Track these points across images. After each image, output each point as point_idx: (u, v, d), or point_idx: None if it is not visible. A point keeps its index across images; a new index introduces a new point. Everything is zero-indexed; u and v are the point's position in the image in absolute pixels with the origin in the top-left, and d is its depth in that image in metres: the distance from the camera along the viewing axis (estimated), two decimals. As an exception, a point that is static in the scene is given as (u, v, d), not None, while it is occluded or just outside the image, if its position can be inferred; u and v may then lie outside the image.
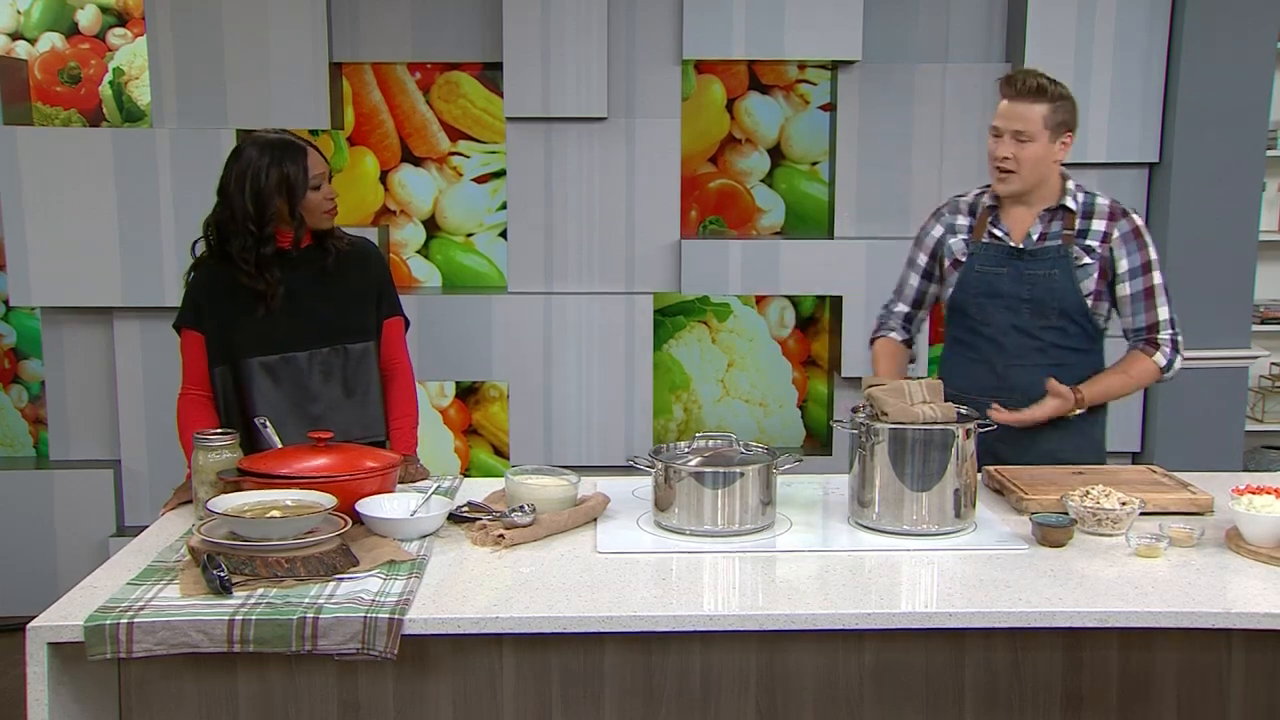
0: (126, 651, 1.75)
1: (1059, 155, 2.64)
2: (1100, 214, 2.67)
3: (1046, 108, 2.59)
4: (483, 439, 4.47)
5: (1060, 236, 2.65)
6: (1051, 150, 2.62)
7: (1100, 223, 2.66)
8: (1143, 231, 2.66)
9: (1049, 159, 2.62)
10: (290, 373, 2.60)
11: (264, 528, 1.95)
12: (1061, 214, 2.67)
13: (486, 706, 1.90)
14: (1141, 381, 2.72)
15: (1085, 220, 2.66)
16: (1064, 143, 2.63)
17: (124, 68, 4.25)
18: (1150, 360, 2.67)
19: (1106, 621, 1.82)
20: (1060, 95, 2.61)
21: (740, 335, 4.45)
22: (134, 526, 4.04)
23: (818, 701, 1.91)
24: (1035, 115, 2.58)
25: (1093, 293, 2.65)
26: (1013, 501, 2.36)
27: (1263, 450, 4.35)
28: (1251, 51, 3.91)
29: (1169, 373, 2.68)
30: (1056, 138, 2.61)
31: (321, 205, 2.59)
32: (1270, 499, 2.12)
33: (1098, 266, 2.64)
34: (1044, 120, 2.59)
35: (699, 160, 4.34)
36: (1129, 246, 2.64)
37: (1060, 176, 2.69)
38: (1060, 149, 2.63)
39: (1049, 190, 2.68)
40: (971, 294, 2.74)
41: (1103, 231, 2.65)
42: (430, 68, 4.25)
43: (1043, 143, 2.60)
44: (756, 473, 2.17)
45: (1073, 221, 2.66)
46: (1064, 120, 2.61)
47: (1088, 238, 2.65)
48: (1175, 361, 2.68)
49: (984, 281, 2.72)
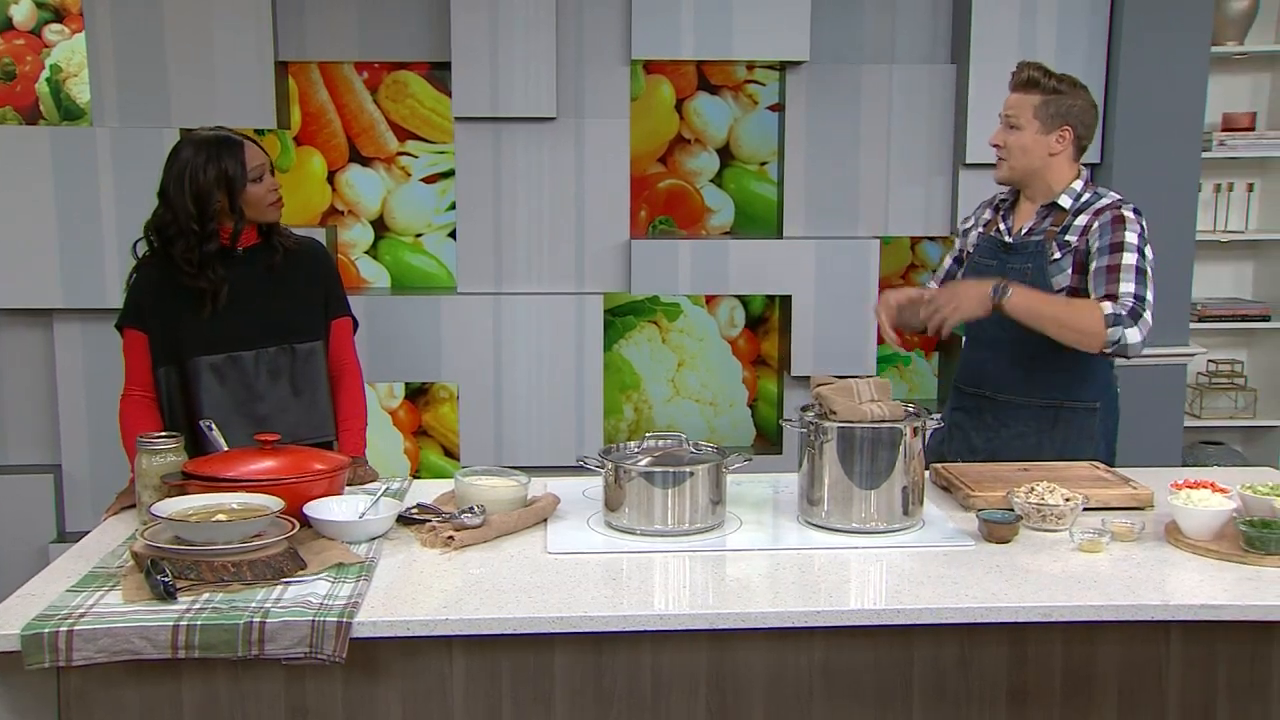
0: (66, 660, 1.72)
1: (1055, 149, 2.66)
2: (1091, 210, 2.65)
3: (1038, 99, 2.64)
4: (433, 440, 4.44)
5: (1044, 232, 2.68)
6: (1044, 142, 2.65)
7: (1085, 218, 2.64)
8: (1126, 220, 2.58)
9: (1040, 150, 2.66)
10: (236, 372, 2.57)
11: (209, 532, 1.93)
12: (1056, 211, 2.69)
13: (436, 709, 1.89)
14: (1079, 316, 2.46)
15: (1074, 217, 2.66)
16: (1060, 136, 2.65)
17: (61, 65, 4.17)
18: (1096, 305, 2.48)
19: (1050, 616, 1.85)
20: (1055, 89, 2.64)
21: (690, 335, 4.47)
22: (75, 532, 3.96)
23: (768, 699, 1.92)
24: (1025, 105, 2.66)
25: (1066, 289, 2.64)
26: (960, 499, 2.38)
27: (1201, 446, 4.45)
28: (1187, 56, 3.99)
29: (1113, 330, 2.44)
30: (1050, 130, 2.65)
31: (265, 197, 2.57)
32: (1207, 493, 2.17)
33: (1072, 261, 2.64)
34: (1034, 111, 2.64)
35: (648, 160, 4.34)
36: (1103, 230, 2.60)
37: (1072, 174, 2.69)
38: (1056, 142, 2.65)
39: (1051, 186, 2.69)
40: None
41: (1084, 225, 2.64)
42: (378, 67, 4.21)
43: (1031, 132, 2.65)
44: (706, 472, 2.18)
45: (1062, 219, 2.67)
46: (1059, 114, 2.64)
47: (1068, 233, 2.65)
48: (1128, 329, 2.44)
49: (976, 273, 2.77)
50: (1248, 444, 4.57)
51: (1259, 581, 1.96)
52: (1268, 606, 1.87)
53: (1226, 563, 2.04)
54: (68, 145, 3.88)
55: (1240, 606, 1.87)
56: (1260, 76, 4.47)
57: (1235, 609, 1.87)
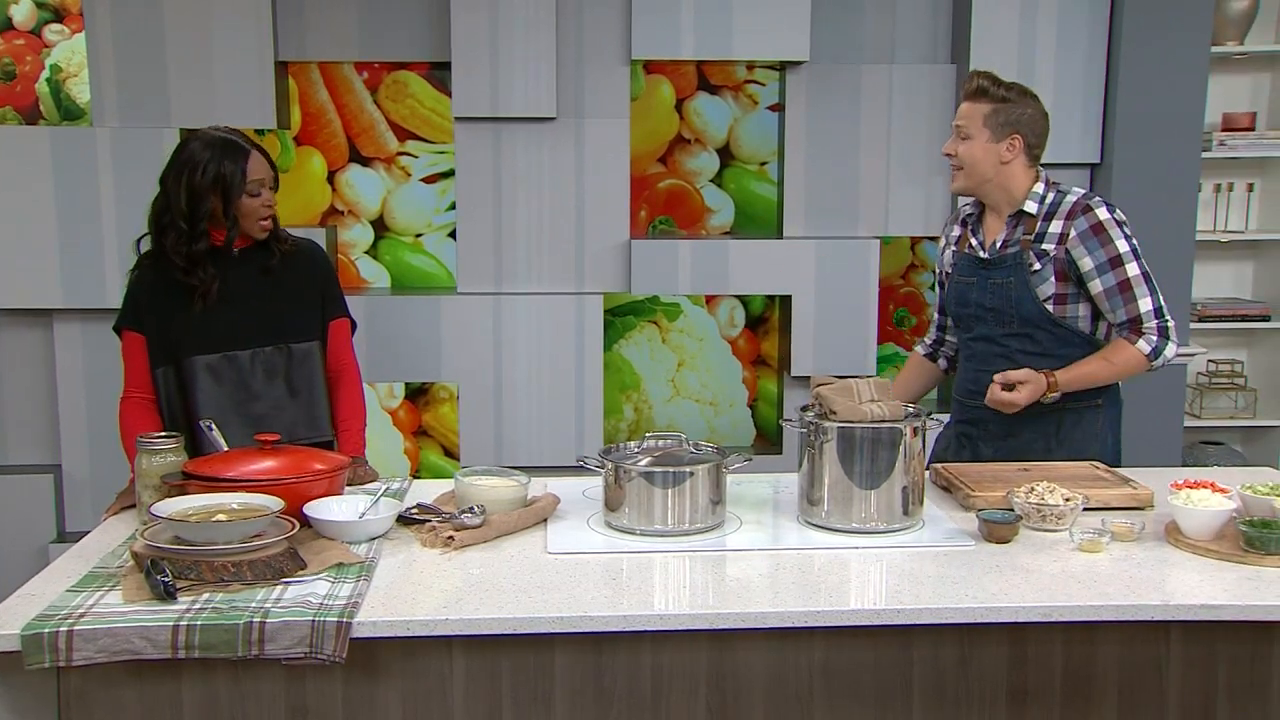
0: (66, 660, 1.72)
1: (1005, 157, 2.65)
2: (1061, 214, 2.63)
3: (987, 107, 2.64)
4: (433, 440, 4.44)
5: (1019, 243, 2.66)
6: (994, 150, 2.64)
7: (1058, 223, 2.63)
8: (1106, 226, 2.59)
9: (991, 159, 2.65)
10: (232, 371, 2.57)
11: (209, 532, 1.93)
12: (1024, 219, 2.67)
13: (437, 709, 1.88)
14: (1126, 368, 2.61)
15: (1045, 222, 2.64)
16: (1011, 144, 2.64)
17: (61, 64, 4.17)
18: (1134, 347, 2.60)
19: (1051, 616, 1.85)
20: (1004, 98, 2.64)
21: (690, 335, 4.47)
22: (75, 532, 3.96)
23: (768, 700, 1.92)
24: (975, 114, 2.65)
25: (1052, 297, 2.63)
26: (960, 499, 2.38)
27: (1201, 446, 4.45)
28: (1187, 55, 3.99)
29: (1157, 360, 2.60)
30: (1001, 138, 2.64)
31: (258, 212, 2.55)
32: (1207, 493, 2.17)
33: (1053, 270, 2.62)
34: (984, 119, 2.64)
35: (648, 160, 4.34)
36: (1089, 244, 2.59)
37: (1030, 180, 2.68)
38: (1007, 150, 2.64)
39: (1013, 195, 2.68)
40: (953, 304, 2.81)
41: (1059, 233, 2.62)
42: (378, 67, 4.21)
43: (981, 141, 2.64)
44: (706, 472, 2.18)
45: (1033, 226, 2.65)
46: (1009, 122, 2.64)
47: (1043, 241, 2.63)
48: (1165, 349, 2.60)
49: (959, 291, 2.77)
50: (1247, 444, 4.57)
51: (1259, 581, 1.95)
52: (1268, 606, 1.87)
53: (1226, 563, 2.04)
54: (68, 145, 3.88)
55: (1240, 606, 1.87)
56: (1260, 76, 4.47)
57: (1235, 609, 1.87)
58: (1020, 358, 2.67)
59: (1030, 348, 2.67)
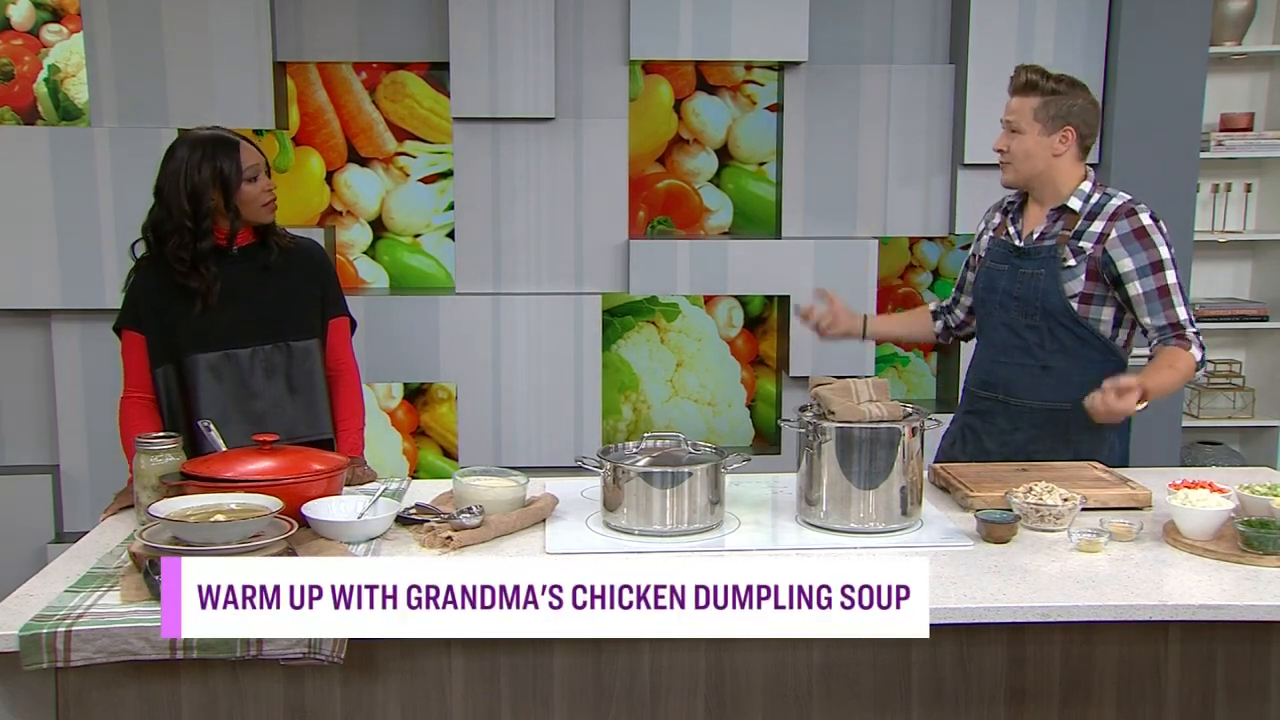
0: (64, 660, 1.72)
1: (1059, 150, 2.64)
2: (1104, 215, 2.63)
3: (1037, 101, 2.64)
4: (431, 440, 4.44)
5: (1056, 236, 2.66)
6: (1047, 144, 2.64)
7: (1100, 223, 2.62)
8: (1149, 231, 2.59)
9: (1043, 152, 2.65)
10: (232, 369, 2.57)
11: (208, 532, 1.92)
12: (1065, 215, 2.67)
13: (435, 710, 1.88)
14: (1187, 375, 2.57)
15: (1087, 221, 2.64)
16: (1063, 137, 2.64)
17: (59, 65, 4.17)
18: (1188, 354, 2.56)
19: (1049, 616, 1.86)
20: (1054, 90, 2.63)
21: (689, 335, 4.47)
22: (73, 533, 3.95)
23: (766, 701, 1.92)
24: (1025, 108, 2.65)
25: (1079, 294, 2.63)
26: (958, 499, 2.39)
27: (1199, 446, 4.45)
28: (1185, 56, 3.99)
29: (1199, 370, 2.61)
30: (1053, 131, 2.64)
31: (260, 198, 2.57)
32: (1205, 493, 2.17)
33: (1085, 268, 2.61)
34: (1035, 113, 2.64)
35: (647, 160, 4.34)
36: (1130, 247, 2.58)
37: (1078, 176, 2.68)
38: (1060, 143, 2.64)
39: (1059, 189, 2.68)
40: (980, 289, 2.81)
41: (1099, 232, 2.61)
42: (376, 67, 4.21)
43: (1033, 135, 2.64)
44: (705, 472, 2.18)
45: (1074, 222, 2.65)
46: (1060, 114, 2.63)
47: (1082, 239, 2.63)
48: (1205, 355, 2.60)
49: (988, 277, 2.78)
50: (1246, 444, 4.57)
51: (1257, 581, 1.96)
52: (1266, 606, 1.87)
53: (1225, 563, 2.04)
54: (66, 145, 3.88)
55: (1238, 606, 1.87)
56: (1258, 77, 4.48)
57: (1233, 609, 1.87)
58: (1037, 352, 2.68)
59: (1047, 342, 2.67)
